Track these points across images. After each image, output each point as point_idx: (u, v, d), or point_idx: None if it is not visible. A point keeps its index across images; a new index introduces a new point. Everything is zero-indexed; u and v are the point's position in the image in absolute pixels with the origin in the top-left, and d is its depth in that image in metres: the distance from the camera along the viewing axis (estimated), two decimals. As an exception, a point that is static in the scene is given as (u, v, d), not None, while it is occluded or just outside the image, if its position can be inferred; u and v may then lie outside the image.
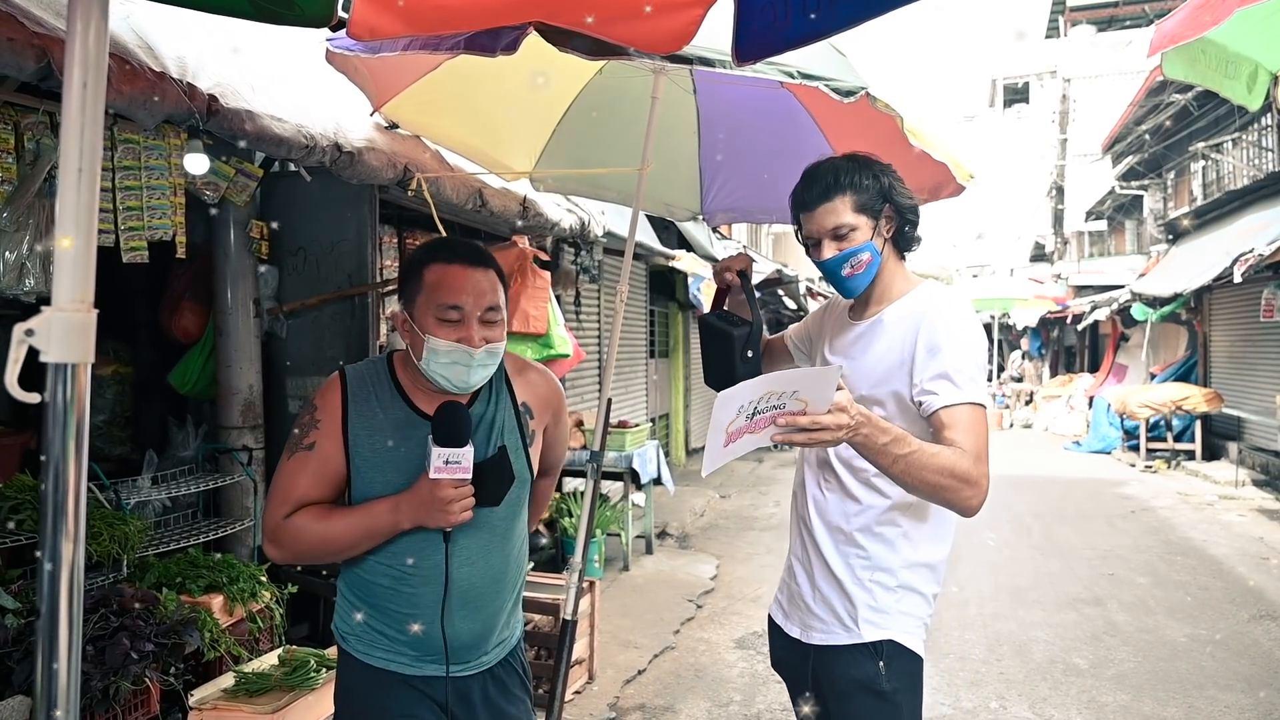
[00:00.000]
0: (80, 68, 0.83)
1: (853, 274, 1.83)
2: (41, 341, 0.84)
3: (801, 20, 1.50)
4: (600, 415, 2.82)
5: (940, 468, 1.59)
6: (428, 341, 1.61)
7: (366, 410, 1.67)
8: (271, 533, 1.65)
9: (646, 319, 9.93)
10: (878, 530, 1.82)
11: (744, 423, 1.42)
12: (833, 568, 1.85)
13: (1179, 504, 9.47)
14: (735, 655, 4.72)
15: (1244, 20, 2.27)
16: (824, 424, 1.44)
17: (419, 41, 1.97)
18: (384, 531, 1.62)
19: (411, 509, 1.59)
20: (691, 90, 3.01)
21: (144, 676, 2.57)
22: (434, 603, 1.65)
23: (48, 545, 0.85)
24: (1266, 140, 12.77)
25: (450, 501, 1.56)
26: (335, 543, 1.64)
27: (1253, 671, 4.53)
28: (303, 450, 1.65)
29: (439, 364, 1.62)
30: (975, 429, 1.67)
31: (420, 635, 1.67)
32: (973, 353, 1.75)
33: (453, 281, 1.62)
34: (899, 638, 1.81)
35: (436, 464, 1.54)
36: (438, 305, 1.62)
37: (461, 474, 1.56)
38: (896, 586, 1.82)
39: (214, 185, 3.28)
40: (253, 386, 3.84)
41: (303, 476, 1.64)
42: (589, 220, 5.06)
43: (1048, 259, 27.50)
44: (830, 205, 1.81)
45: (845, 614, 1.83)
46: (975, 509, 1.66)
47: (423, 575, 1.65)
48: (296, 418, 1.71)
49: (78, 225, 0.85)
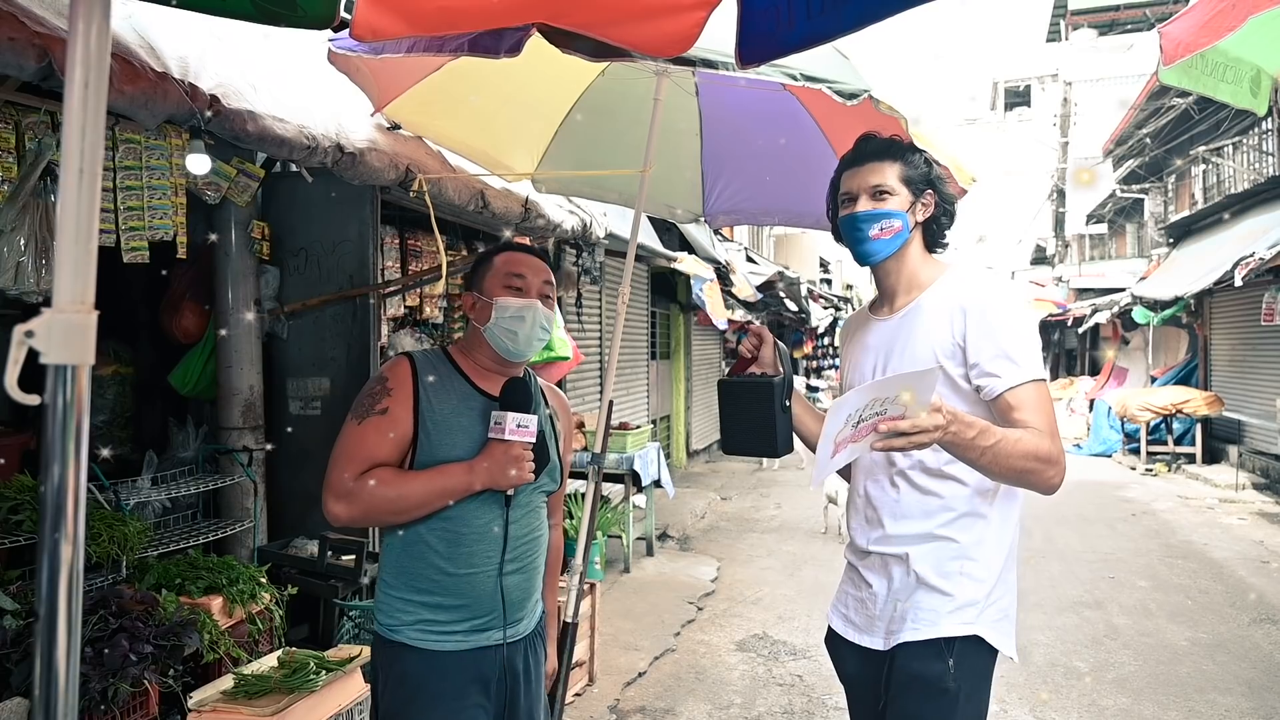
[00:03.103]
0: (82, 68, 0.83)
1: (880, 236, 1.82)
2: (41, 343, 0.83)
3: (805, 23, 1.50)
4: (602, 417, 2.81)
5: (1024, 453, 1.61)
6: (496, 303, 1.84)
7: (434, 384, 1.83)
8: (345, 492, 1.73)
9: (648, 321, 9.93)
10: (964, 520, 1.79)
11: (850, 431, 1.44)
12: (917, 568, 1.79)
13: (1179, 507, 9.46)
14: (736, 658, 4.71)
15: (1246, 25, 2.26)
16: (923, 426, 1.46)
17: (422, 43, 1.97)
18: (457, 491, 1.75)
19: (486, 470, 1.75)
20: (694, 92, 3.00)
21: (143, 678, 2.56)
22: (492, 556, 1.81)
23: (46, 547, 0.84)
24: (1267, 144, 12.78)
25: (523, 460, 1.76)
26: (409, 500, 1.74)
27: (1253, 675, 4.52)
28: (376, 415, 1.77)
29: (505, 322, 1.84)
30: (1043, 406, 1.69)
31: (480, 594, 1.80)
32: (1026, 328, 1.75)
33: (518, 259, 1.91)
34: (985, 632, 1.75)
35: (511, 427, 1.74)
36: (505, 275, 1.87)
37: (529, 437, 1.76)
38: (985, 578, 1.77)
39: (216, 186, 3.28)
40: (253, 387, 3.83)
41: (376, 438, 1.76)
42: (591, 222, 5.06)
43: (1049, 262, 27.49)
44: (880, 165, 1.83)
45: (934, 610, 1.77)
46: (1057, 486, 1.67)
47: (478, 533, 1.80)
48: (363, 391, 1.84)
49: (78, 226, 0.84)
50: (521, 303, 1.86)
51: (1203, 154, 13.81)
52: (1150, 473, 11.93)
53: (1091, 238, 24.63)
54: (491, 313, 1.85)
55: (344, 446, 1.78)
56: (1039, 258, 29.45)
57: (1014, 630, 1.83)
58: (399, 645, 1.81)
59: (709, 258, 9.11)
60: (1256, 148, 13.18)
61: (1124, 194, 19.15)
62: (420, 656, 1.79)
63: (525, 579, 1.89)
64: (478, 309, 1.89)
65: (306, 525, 3.82)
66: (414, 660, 1.80)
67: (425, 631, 1.80)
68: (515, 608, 1.86)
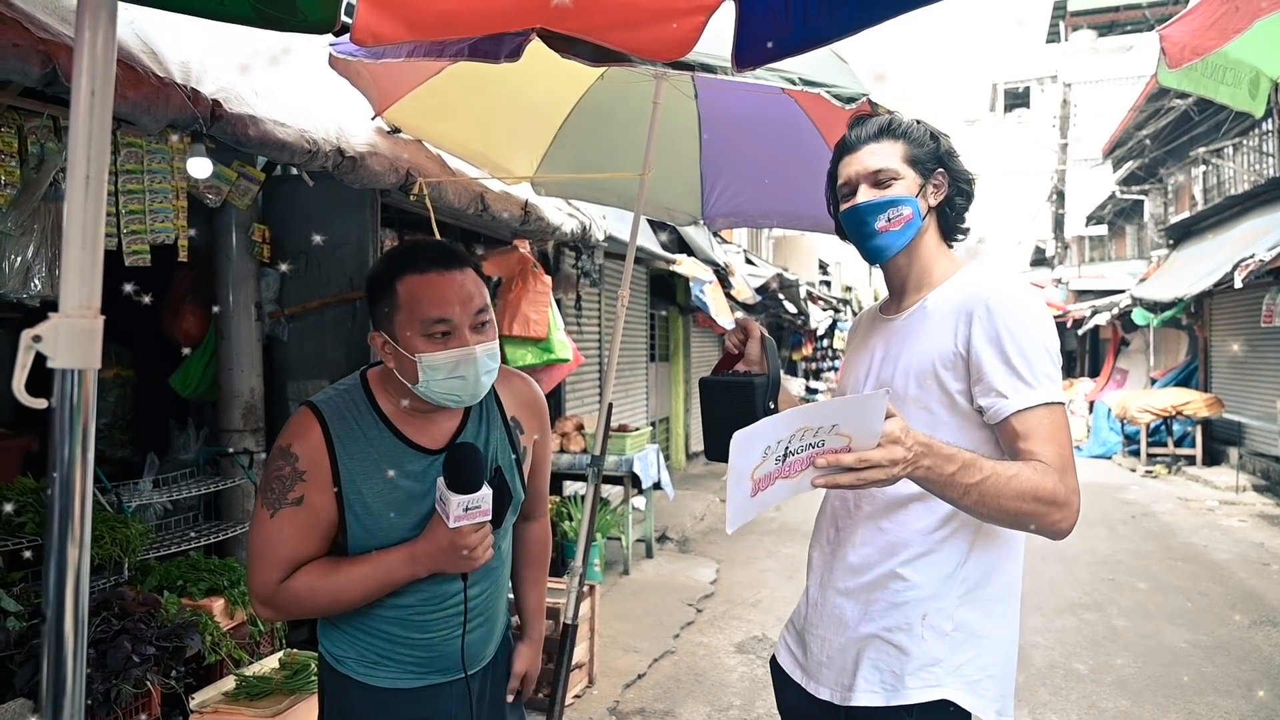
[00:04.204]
0: (88, 75, 0.84)
1: (888, 229, 1.55)
2: (49, 348, 0.84)
3: (801, 27, 1.51)
4: (601, 420, 2.82)
5: (1020, 492, 1.33)
6: (421, 360, 1.45)
7: (354, 451, 1.50)
8: (267, 598, 1.49)
9: (647, 323, 9.94)
10: (926, 557, 1.51)
11: (774, 466, 1.21)
12: (875, 615, 1.53)
13: (1179, 509, 9.46)
14: (735, 660, 4.72)
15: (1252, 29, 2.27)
16: (874, 460, 1.21)
17: (422, 47, 1.98)
18: (400, 582, 1.51)
19: (430, 559, 1.48)
20: (693, 95, 3.02)
21: (145, 680, 2.57)
22: (453, 622, 1.59)
23: (54, 549, 0.85)
24: (1267, 145, 12.79)
25: (475, 548, 1.47)
26: (346, 599, 1.50)
27: (1253, 677, 4.52)
28: (289, 506, 1.47)
29: (441, 382, 1.47)
30: (1057, 436, 1.40)
31: (440, 654, 1.60)
32: (1044, 340, 1.45)
33: (433, 292, 1.46)
34: (956, 696, 1.47)
35: (457, 513, 1.43)
36: (422, 322, 1.46)
37: (481, 517, 1.46)
38: (953, 630, 1.49)
39: (216, 189, 3.29)
40: (254, 390, 3.84)
41: (292, 535, 1.48)
42: (590, 224, 5.07)
43: (1048, 264, 27.50)
44: (878, 146, 1.57)
45: (893, 669, 1.50)
46: (1066, 532, 1.38)
47: (434, 606, 1.58)
48: (267, 466, 1.52)
49: (84, 232, 0.85)
50: (455, 355, 1.46)
51: (1203, 155, 13.82)
52: (1150, 474, 11.93)
53: (1091, 239, 24.64)
54: (418, 372, 1.46)
55: (259, 543, 1.49)
56: (1038, 259, 29.46)
57: (1007, 691, 1.52)
58: (344, 678, 1.60)
59: (708, 260, 9.12)
60: (1257, 149, 13.20)
61: (1123, 195, 19.16)
62: (368, 693, 1.59)
63: (488, 630, 1.68)
64: (397, 360, 1.50)
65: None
66: (361, 697, 1.59)
67: (374, 667, 1.59)
68: (476, 659, 1.66)
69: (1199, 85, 2.57)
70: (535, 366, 5.06)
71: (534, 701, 3.60)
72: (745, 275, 10.79)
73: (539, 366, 5.09)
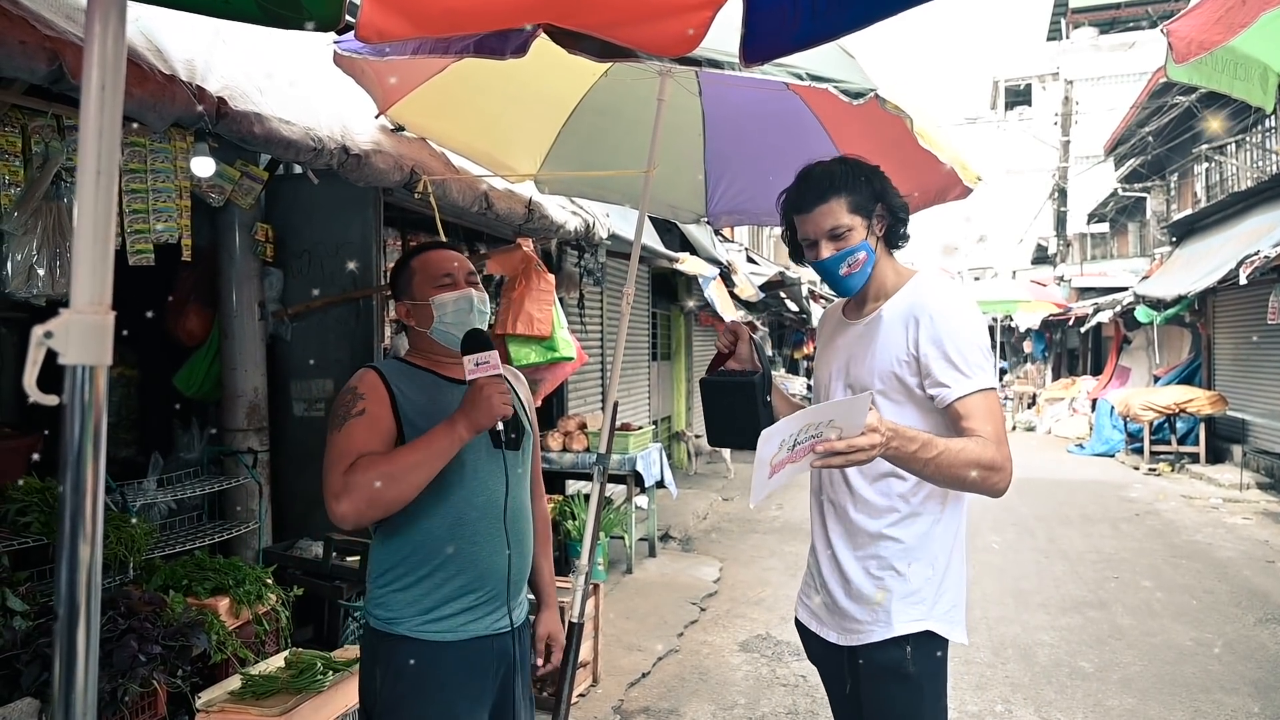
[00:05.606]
0: (99, 71, 0.83)
1: (850, 273, 1.90)
2: (60, 344, 0.84)
3: (810, 21, 1.51)
4: (606, 418, 2.82)
5: (967, 461, 1.69)
6: (434, 302, 1.91)
7: (404, 385, 1.89)
8: (338, 490, 1.73)
9: (649, 321, 9.94)
10: (909, 520, 1.89)
11: (785, 454, 1.54)
12: (869, 568, 1.91)
13: (1183, 507, 9.45)
14: (739, 658, 4.72)
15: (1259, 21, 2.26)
16: (859, 445, 1.55)
17: (428, 44, 1.98)
18: (447, 448, 1.75)
19: (464, 415, 1.76)
20: (697, 93, 3.01)
21: (151, 679, 2.58)
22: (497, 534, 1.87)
23: (66, 548, 0.85)
24: (1270, 142, 12.77)
25: (492, 392, 1.76)
26: (401, 466, 1.73)
27: (1259, 675, 4.51)
28: (354, 418, 1.81)
29: (448, 317, 1.91)
30: (991, 414, 1.77)
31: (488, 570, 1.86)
32: (973, 338, 1.82)
33: (438, 258, 1.98)
34: (936, 626, 1.87)
35: (470, 367, 1.77)
36: (432, 277, 1.94)
37: (492, 370, 1.78)
38: (933, 574, 1.88)
39: (220, 188, 3.29)
40: (258, 389, 3.84)
41: (359, 436, 1.79)
42: (594, 223, 5.06)
43: (1050, 261, 27.48)
44: (827, 207, 1.87)
45: (884, 610, 1.88)
46: (1004, 490, 1.76)
47: (480, 511, 1.87)
48: (336, 403, 1.87)
49: (95, 228, 0.85)
50: (457, 294, 1.93)
51: (1205, 152, 13.80)
52: (1154, 472, 11.91)
53: (1093, 237, 24.61)
54: (432, 313, 1.92)
55: (333, 453, 1.79)
56: (1040, 257, 29.43)
57: (964, 617, 1.94)
58: (398, 638, 1.84)
59: (711, 258, 9.11)
60: (1260, 145, 13.17)
61: (1126, 192, 19.13)
62: (421, 648, 1.83)
63: (522, 561, 1.97)
64: (416, 315, 1.95)
65: (310, 526, 3.83)
66: (414, 652, 1.83)
67: (426, 622, 1.84)
68: (516, 589, 1.95)
69: (1210, 79, 2.56)
70: (539, 365, 5.06)
71: (540, 700, 3.60)
72: (747, 274, 10.78)
73: (543, 365, 5.08)
